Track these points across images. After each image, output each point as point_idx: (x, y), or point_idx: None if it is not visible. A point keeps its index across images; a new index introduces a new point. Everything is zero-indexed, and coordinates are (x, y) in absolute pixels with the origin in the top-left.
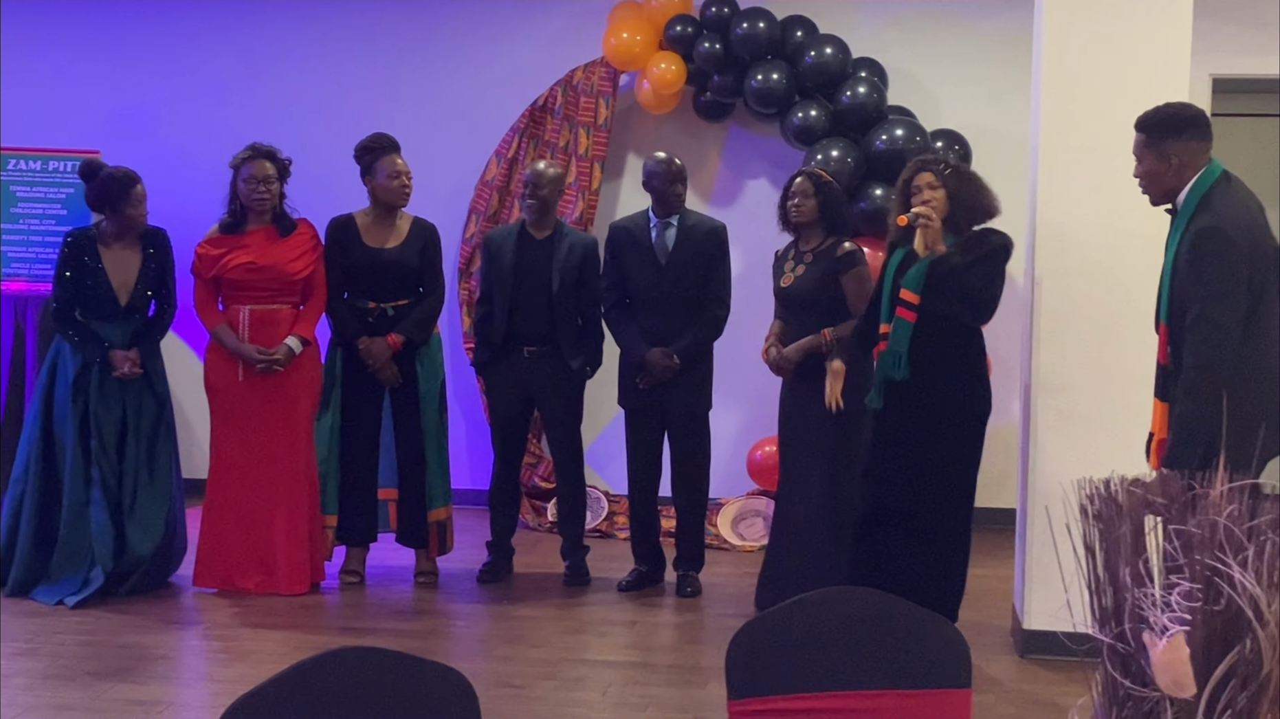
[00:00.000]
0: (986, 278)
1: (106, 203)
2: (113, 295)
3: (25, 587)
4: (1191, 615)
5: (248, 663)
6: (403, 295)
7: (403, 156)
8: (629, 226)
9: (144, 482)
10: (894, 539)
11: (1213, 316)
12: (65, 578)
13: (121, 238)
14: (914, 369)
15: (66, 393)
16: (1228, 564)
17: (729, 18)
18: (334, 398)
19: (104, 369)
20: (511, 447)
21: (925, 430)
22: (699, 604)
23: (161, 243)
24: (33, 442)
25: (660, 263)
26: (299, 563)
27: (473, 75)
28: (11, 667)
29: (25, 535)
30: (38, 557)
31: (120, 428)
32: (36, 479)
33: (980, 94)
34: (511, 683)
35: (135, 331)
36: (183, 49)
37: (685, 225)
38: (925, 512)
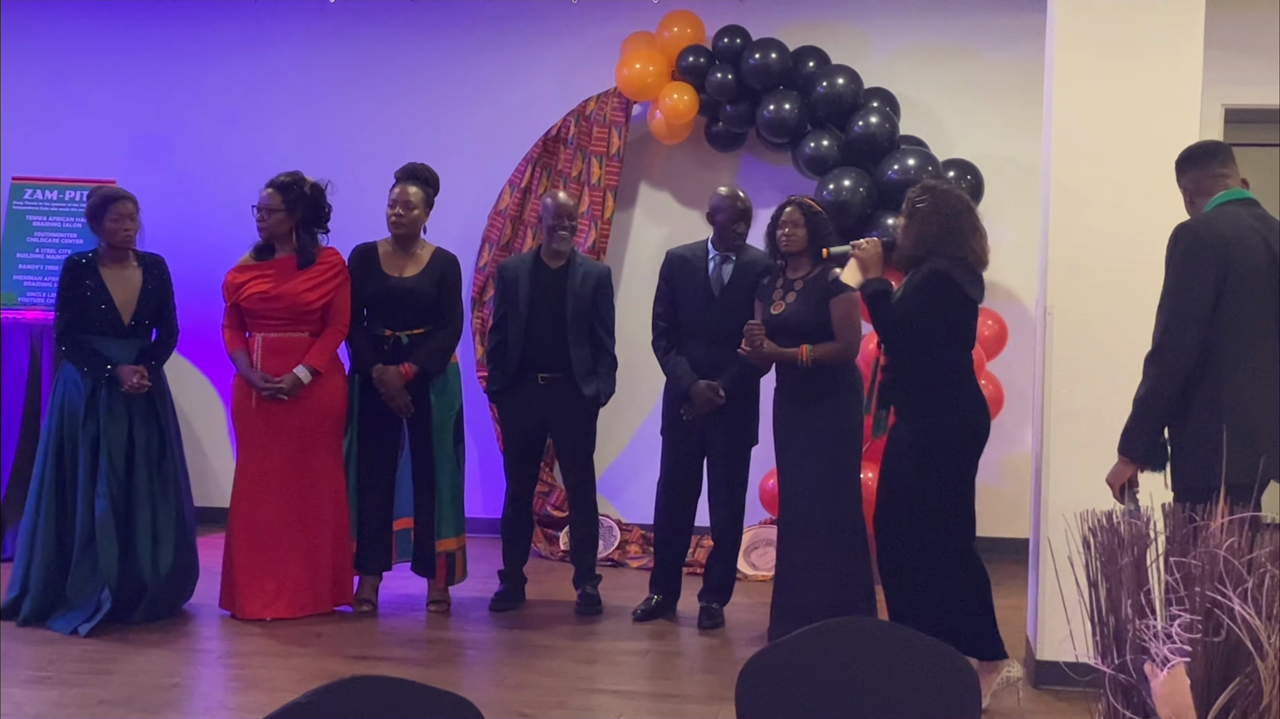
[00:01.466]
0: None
1: (92, 218)
2: (116, 314)
3: (41, 615)
4: (1192, 647)
5: (260, 691)
6: (419, 324)
7: (415, 185)
8: (686, 255)
9: (154, 504)
10: (896, 567)
11: (1168, 306)
12: (79, 606)
13: (117, 258)
14: (893, 399)
15: (78, 420)
16: (1228, 596)
17: (741, 48)
18: (351, 426)
19: (111, 390)
20: (524, 475)
21: (899, 461)
22: (710, 633)
23: (159, 269)
24: (44, 473)
25: (714, 294)
26: (317, 587)
27: (486, 105)
28: (25, 695)
29: (39, 564)
30: (52, 585)
31: (128, 450)
32: (49, 509)
33: (992, 124)
34: (523, 712)
35: (140, 350)
36: (200, 80)
37: (742, 261)
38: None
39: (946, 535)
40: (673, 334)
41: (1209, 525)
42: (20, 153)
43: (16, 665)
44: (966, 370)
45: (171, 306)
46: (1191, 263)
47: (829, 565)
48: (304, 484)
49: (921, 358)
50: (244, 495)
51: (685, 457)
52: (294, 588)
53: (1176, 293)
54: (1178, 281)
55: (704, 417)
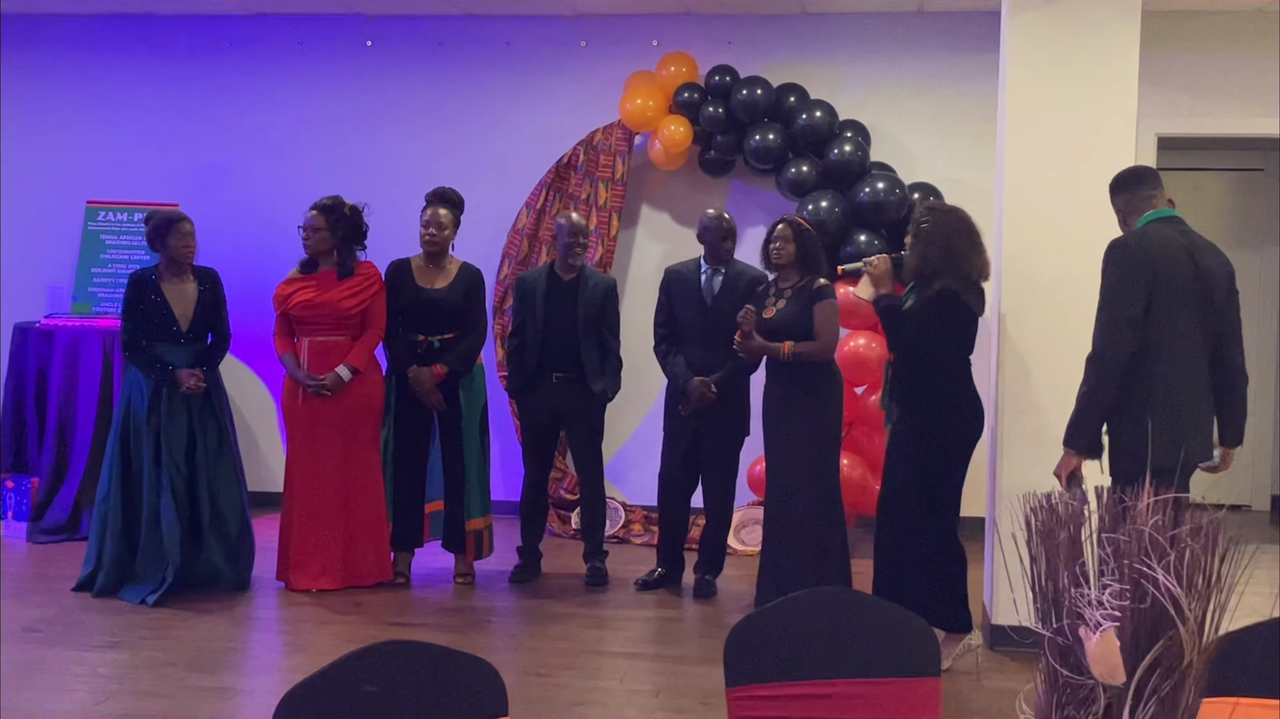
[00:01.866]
0: (919, 323)
1: (156, 239)
2: (175, 322)
3: (113, 588)
4: (1121, 613)
5: (307, 654)
6: (448, 330)
7: (445, 207)
8: (682, 271)
9: (212, 489)
10: (891, 540)
11: (1105, 313)
12: (146, 579)
13: (177, 273)
14: (898, 396)
15: (142, 417)
16: (1153, 569)
17: (730, 85)
18: (388, 421)
19: (170, 389)
20: (540, 462)
21: (904, 449)
22: (704, 602)
23: (213, 281)
24: (113, 465)
25: (706, 303)
26: (359, 562)
27: (505, 136)
28: (98, 658)
29: (110, 544)
30: (122, 562)
31: (188, 443)
32: (118, 495)
33: (952, 151)
34: (538, 672)
35: (197, 354)
36: (251, 116)
37: (731, 273)
38: (908, 516)
39: (937, 516)
40: (671, 339)
41: (1137, 506)
42: (94, 180)
43: (91, 632)
44: (965, 373)
45: (224, 315)
46: (1124, 275)
47: (810, 543)
48: (346, 471)
49: (927, 363)
50: (295, 481)
51: (683, 446)
52: (338, 563)
53: (1111, 302)
54: (1112, 292)
55: (699, 411)
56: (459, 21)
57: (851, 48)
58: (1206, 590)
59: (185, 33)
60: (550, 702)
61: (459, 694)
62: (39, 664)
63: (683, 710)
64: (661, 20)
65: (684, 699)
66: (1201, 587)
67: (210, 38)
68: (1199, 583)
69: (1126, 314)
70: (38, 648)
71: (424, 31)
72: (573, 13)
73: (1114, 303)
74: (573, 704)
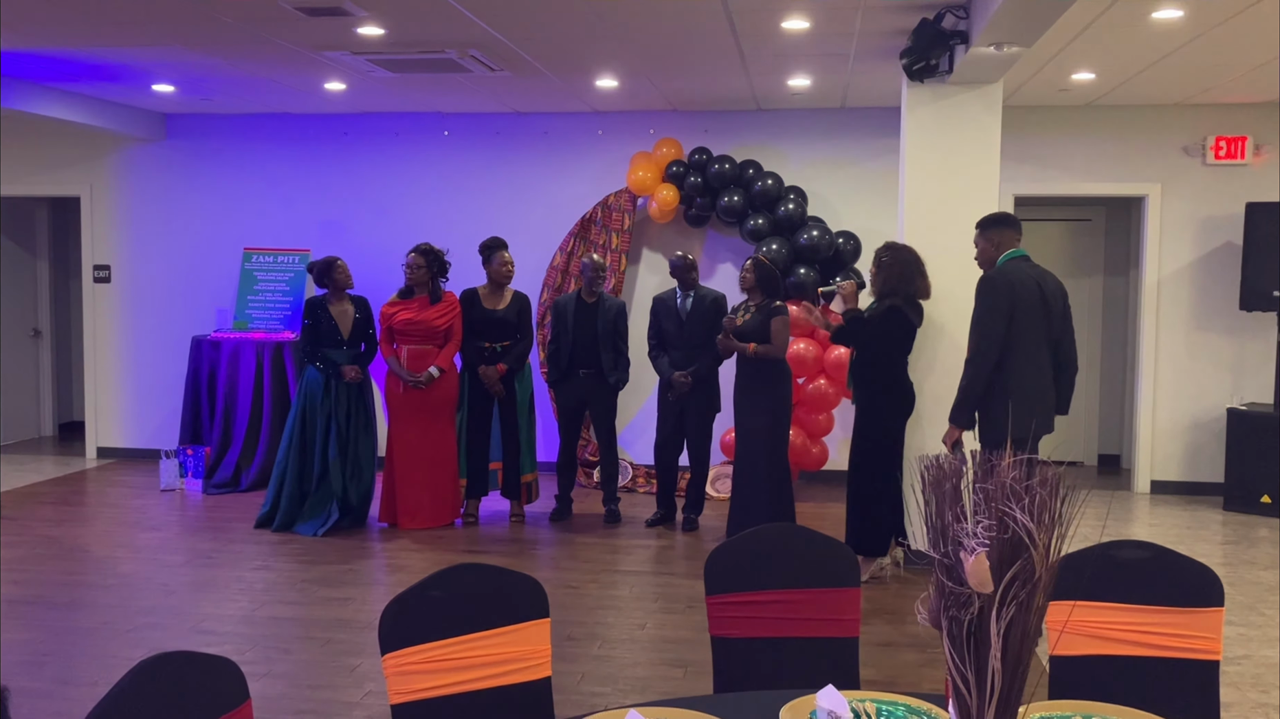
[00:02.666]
0: (873, 330)
1: (323, 275)
2: (339, 334)
3: (287, 525)
4: (990, 541)
5: (405, 573)
6: (506, 339)
7: (509, 250)
8: (664, 297)
9: (359, 452)
10: (853, 488)
11: (979, 329)
12: (314, 518)
13: (338, 298)
14: (854, 382)
15: (317, 402)
16: (1012, 509)
17: (706, 162)
18: (463, 405)
19: (338, 382)
20: (571, 434)
21: (858, 414)
22: (690, 534)
23: (364, 305)
24: (292, 435)
25: (682, 319)
26: (441, 507)
27: (545, 199)
28: (253, 577)
29: (288, 490)
30: (292, 507)
31: (348, 419)
32: (295, 454)
33: (866, 207)
34: (570, 585)
35: (354, 356)
36: (365, 183)
37: (698, 296)
38: (865, 470)
39: (881, 467)
40: (659, 346)
41: (1001, 464)
42: (249, 231)
43: (248, 558)
44: (903, 366)
45: (373, 328)
46: (994, 301)
47: (766, 492)
48: (431, 440)
49: (875, 358)
50: (395, 448)
51: (671, 422)
52: (426, 507)
53: (984, 320)
54: (985, 313)
55: (682, 395)
56: (510, 117)
57: (794, 134)
58: (1051, 525)
59: (312, 127)
60: (579, 607)
61: (514, 600)
62: (211, 581)
63: (674, 611)
64: (656, 115)
65: (675, 603)
66: (1048, 522)
67: (331, 130)
68: (1046, 519)
69: (995, 329)
70: (211, 570)
71: (485, 125)
72: (591, 110)
73: (986, 321)
74: (595, 608)
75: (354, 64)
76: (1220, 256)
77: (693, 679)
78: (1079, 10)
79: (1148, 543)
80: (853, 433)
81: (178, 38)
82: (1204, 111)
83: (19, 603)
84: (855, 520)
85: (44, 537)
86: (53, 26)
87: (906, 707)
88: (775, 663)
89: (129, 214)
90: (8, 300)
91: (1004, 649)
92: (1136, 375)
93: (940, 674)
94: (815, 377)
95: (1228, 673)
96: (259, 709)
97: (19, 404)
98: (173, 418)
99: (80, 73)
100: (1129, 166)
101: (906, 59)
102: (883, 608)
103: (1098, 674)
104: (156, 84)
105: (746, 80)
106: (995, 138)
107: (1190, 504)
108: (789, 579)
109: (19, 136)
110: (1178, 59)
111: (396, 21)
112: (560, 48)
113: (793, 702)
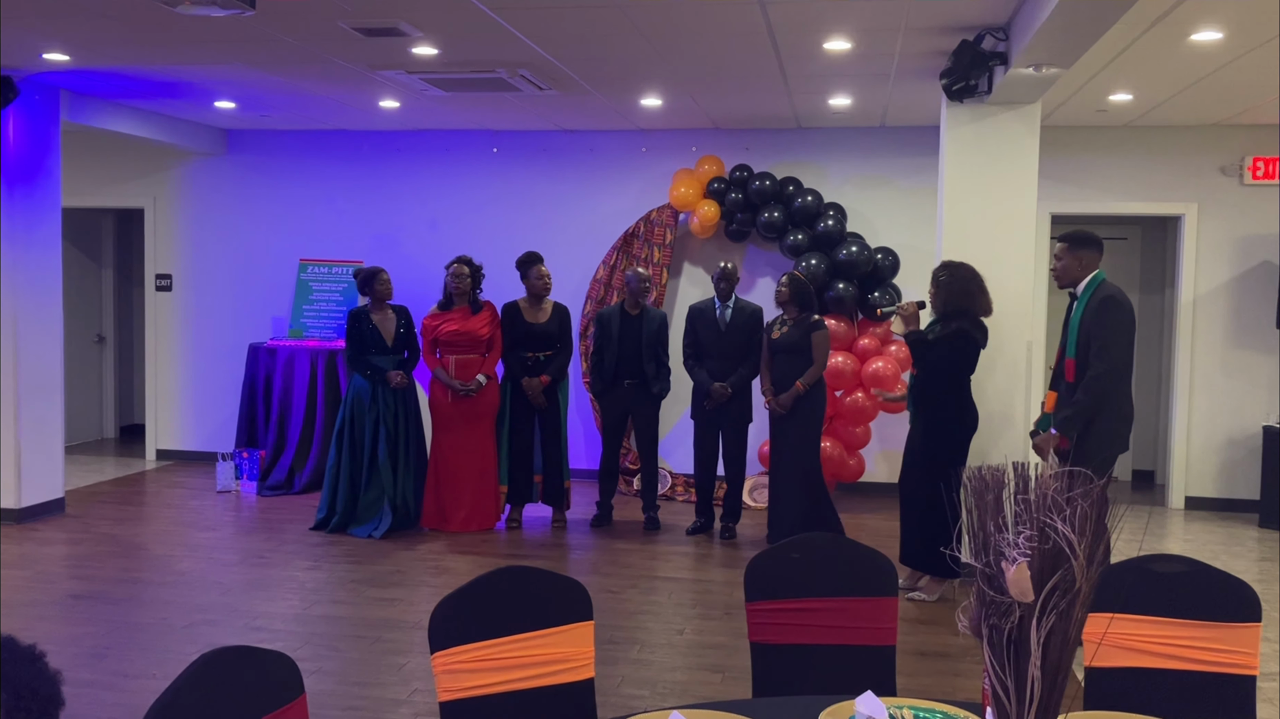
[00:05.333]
0: (940, 353)
1: (366, 285)
2: (384, 341)
3: (342, 528)
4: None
5: (451, 575)
6: (548, 349)
7: (545, 265)
8: (703, 307)
9: (407, 456)
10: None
11: (1110, 349)
12: (368, 521)
13: (380, 308)
14: (915, 402)
15: (365, 408)
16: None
17: (747, 178)
18: (506, 414)
19: (384, 388)
20: (615, 442)
21: (917, 443)
22: (728, 543)
23: (406, 313)
24: (342, 437)
25: (721, 329)
26: (484, 512)
27: (589, 214)
28: (304, 576)
29: (341, 494)
30: (347, 509)
31: (395, 424)
32: (347, 461)
33: (904, 224)
34: (610, 589)
35: (398, 362)
36: (412, 198)
37: (737, 307)
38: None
39: (937, 490)
40: (698, 356)
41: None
42: (305, 243)
43: (300, 558)
44: (966, 387)
45: (415, 336)
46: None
47: (804, 501)
48: (475, 447)
49: (940, 379)
50: (440, 455)
51: (708, 432)
52: (471, 512)
53: (1118, 341)
54: (1118, 333)
55: (718, 405)
56: (558, 134)
57: (834, 152)
58: (1092, 537)
59: (367, 143)
60: (620, 611)
61: (557, 604)
62: (264, 580)
63: (712, 618)
64: (698, 133)
65: (713, 610)
66: (1089, 534)
67: (384, 146)
68: (1087, 531)
69: (1127, 349)
70: (264, 569)
71: (533, 142)
72: (635, 128)
73: (1120, 341)
74: (634, 613)
75: (408, 83)
76: (1257, 275)
77: (730, 684)
78: (1117, 32)
79: (1184, 557)
80: (911, 453)
81: (240, 57)
82: (1241, 132)
83: (81, 598)
84: (924, 542)
85: (105, 534)
86: (122, 46)
87: (944, 714)
88: (813, 669)
89: (190, 225)
90: (73, 308)
91: (1044, 658)
92: (1172, 392)
93: (975, 685)
94: (853, 390)
95: (1263, 689)
96: (310, 705)
97: (83, 407)
98: (229, 422)
99: (146, 90)
100: (1166, 186)
101: (946, 79)
102: (922, 618)
103: (1134, 687)
104: (218, 101)
105: (788, 99)
106: (1033, 157)
107: (1225, 521)
108: (828, 588)
109: (86, 150)
110: (1216, 80)
111: (450, 42)
112: (607, 68)
113: (832, 706)
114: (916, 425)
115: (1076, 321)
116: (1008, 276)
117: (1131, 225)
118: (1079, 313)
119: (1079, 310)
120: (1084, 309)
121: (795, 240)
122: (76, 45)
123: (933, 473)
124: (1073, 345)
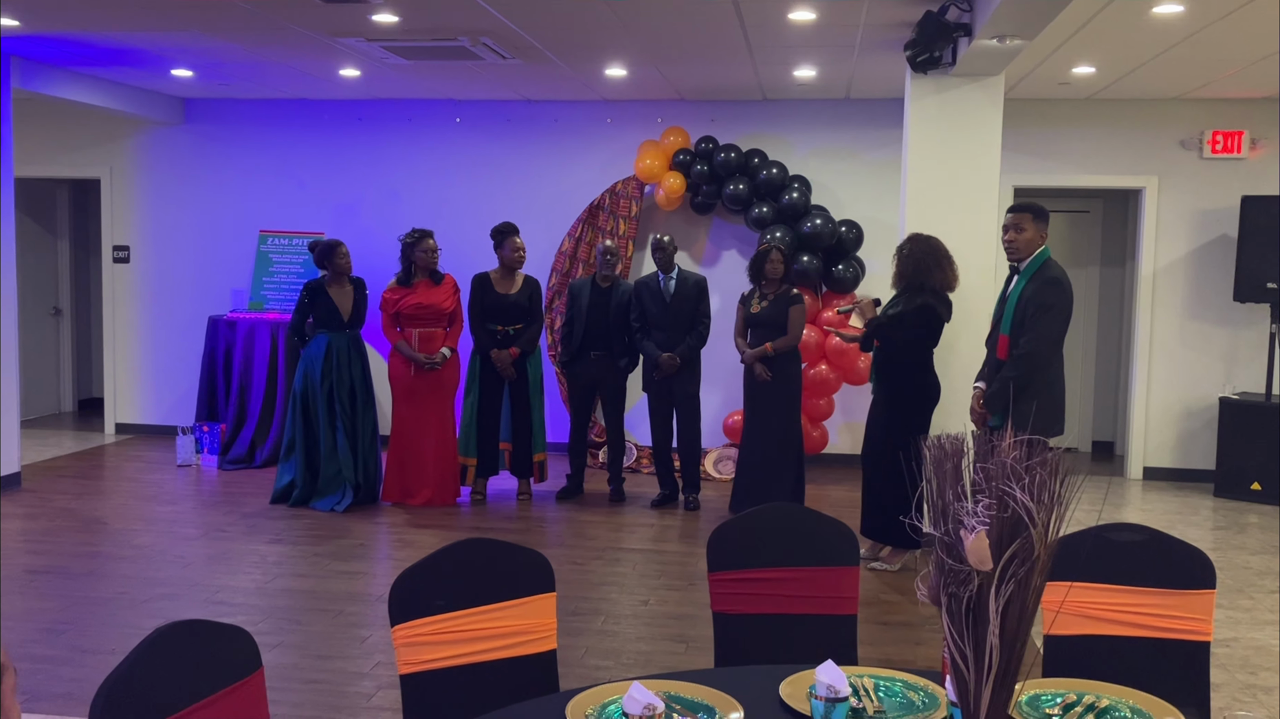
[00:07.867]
0: (905, 328)
1: (324, 259)
2: (339, 316)
3: (304, 501)
4: (990, 520)
5: (414, 548)
6: (517, 322)
7: (520, 236)
8: (647, 280)
9: (359, 431)
10: (870, 481)
11: (1045, 326)
12: (329, 495)
13: (338, 281)
14: (878, 374)
15: (316, 382)
16: (1012, 488)
17: (712, 150)
18: (475, 387)
19: (337, 361)
20: (582, 415)
21: (880, 412)
22: (691, 514)
23: (361, 288)
24: (295, 415)
25: (666, 301)
26: (445, 486)
27: (555, 185)
28: (266, 549)
29: (299, 467)
30: (306, 483)
31: (349, 401)
32: (300, 432)
33: (869, 197)
34: (576, 561)
35: (352, 338)
36: (375, 168)
37: (680, 278)
38: (881, 453)
39: (901, 462)
40: (645, 328)
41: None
42: (264, 214)
43: (262, 532)
44: (929, 360)
45: (366, 309)
46: (1061, 304)
47: (772, 472)
48: (436, 420)
49: (902, 352)
50: (400, 429)
51: (662, 403)
52: (433, 486)
53: (1052, 323)
54: (1054, 316)
55: (668, 377)
56: (521, 105)
57: (799, 124)
58: (1050, 505)
59: (327, 113)
60: (584, 583)
61: (521, 575)
62: (225, 554)
63: (676, 588)
64: (664, 104)
65: (677, 580)
66: (1047, 503)
67: (345, 116)
68: (1045, 500)
69: (1058, 332)
70: (225, 543)
71: (497, 112)
72: (600, 98)
73: (1055, 323)
74: (599, 584)
75: (369, 51)
76: (1216, 248)
77: (694, 654)
78: (1080, 5)
79: (1142, 526)
80: (873, 425)
81: (196, 23)
82: (1202, 106)
83: (39, 573)
84: (886, 514)
85: (63, 509)
86: (73, 10)
87: (904, 682)
88: (775, 639)
89: (148, 196)
90: (29, 279)
91: (1002, 626)
92: (1131, 364)
93: (936, 654)
94: (816, 362)
95: (1216, 655)
96: (271, 678)
97: (40, 380)
98: (189, 395)
99: (100, 57)
100: (1127, 159)
101: (911, 51)
102: (883, 585)
103: (1091, 654)
104: (175, 69)
105: (753, 70)
106: (996, 129)
107: (1182, 490)
108: (789, 557)
109: (39, 119)
110: (1177, 54)
111: (411, 9)
112: (571, 37)
113: (792, 676)
114: (879, 397)
115: (1015, 298)
116: (970, 249)
117: (1093, 198)
118: (1019, 288)
119: (1019, 286)
120: (1025, 285)
121: (760, 213)
122: (25, 10)
123: (894, 445)
124: (1008, 322)
